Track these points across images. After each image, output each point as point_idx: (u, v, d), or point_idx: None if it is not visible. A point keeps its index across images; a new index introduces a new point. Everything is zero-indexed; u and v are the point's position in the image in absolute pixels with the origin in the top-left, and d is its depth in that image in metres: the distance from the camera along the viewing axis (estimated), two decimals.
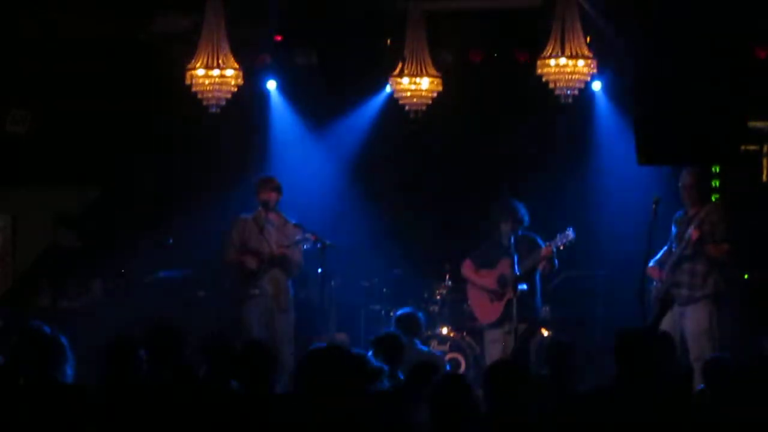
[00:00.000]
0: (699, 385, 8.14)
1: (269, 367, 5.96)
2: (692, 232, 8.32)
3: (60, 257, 9.60)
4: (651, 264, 8.55)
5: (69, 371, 6.01)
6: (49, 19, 9.54)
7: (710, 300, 8.34)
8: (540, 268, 8.90)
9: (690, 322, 8.35)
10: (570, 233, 8.72)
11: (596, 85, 10.24)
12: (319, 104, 11.36)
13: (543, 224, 9.29)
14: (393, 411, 5.75)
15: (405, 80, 8.85)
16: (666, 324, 8.46)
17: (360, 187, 11.29)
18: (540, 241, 9.00)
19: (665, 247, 8.67)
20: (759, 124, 10.65)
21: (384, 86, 10.19)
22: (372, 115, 11.15)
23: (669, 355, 6.58)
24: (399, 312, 9.03)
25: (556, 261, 9.02)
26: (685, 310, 8.39)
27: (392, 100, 9.63)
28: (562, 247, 8.79)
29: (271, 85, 11.05)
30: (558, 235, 8.80)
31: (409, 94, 8.93)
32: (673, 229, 8.64)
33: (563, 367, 6.29)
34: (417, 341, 8.66)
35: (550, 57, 7.99)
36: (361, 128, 11.35)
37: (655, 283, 8.58)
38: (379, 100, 10.93)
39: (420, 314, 9.06)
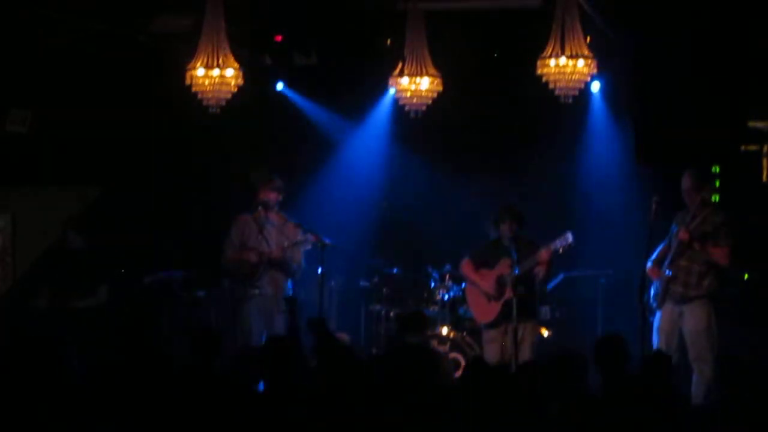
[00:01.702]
0: (698, 386, 8.19)
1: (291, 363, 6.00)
2: (682, 233, 8.33)
3: (64, 258, 9.60)
4: (649, 263, 8.55)
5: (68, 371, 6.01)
6: (49, 19, 9.53)
7: (707, 300, 8.34)
8: (537, 271, 8.88)
9: (688, 322, 8.35)
10: (569, 237, 8.70)
11: (595, 86, 10.24)
12: (319, 104, 11.38)
13: (543, 225, 9.29)
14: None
15: (405, 80, 8.84)
16: (665, 323, 8.46)
17: (360, 187, 11.30)
18: (539, 243, 8.98)
19: (662, 245, 8.66)
20: (759, 124, 10.66)
21: (386, 88, 10.24)
22: (372, 115, 11.18)
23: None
24: (403, 311, 9.03)
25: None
26: (683, 309, 8.39)
27: (392, 100, 9.65)
28: (561, 251, 8.77)
29: (279, 86, 11.13)
30: (557, 239, 8.77)
31: (409, 94, 8.92)
32: (673, 227, 8.63)
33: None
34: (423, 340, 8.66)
35: (550, 57, 7.98)
36: (361, 128, 11.37)
37: (654, 282, 8.58)
38: (378, 100, 10.95)
39: (426, 312, 9.06)
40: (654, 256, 8.65)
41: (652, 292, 8.56)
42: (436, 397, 5.56)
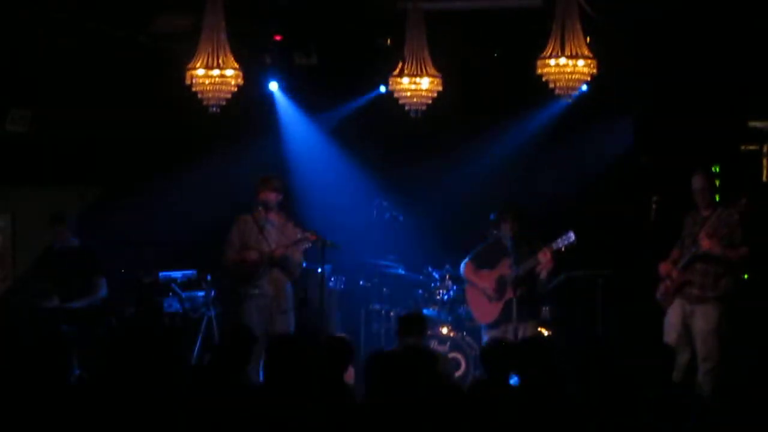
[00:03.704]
0: (703, 384, 8.19)
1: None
2: (704, 240, 8.24)
3: (60, 257, 9.62)
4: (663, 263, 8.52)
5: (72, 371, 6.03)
6: (49, 19, 9.53)
7: (720, 301, 8.31)
8: (539, 271, 8.88)
9: (699, 322, 8.32)
10: (571, 236, 8.69)
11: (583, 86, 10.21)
12: (319, 104, 11.38)
13: (544, 224, 9.30)
14: None
15: (405, 80, 8.83)
16: (675, 321, 8.42)
17: (360, 187, 11.30)
18: (540, 242, 8.97)
19: (675, 246, 8.60)
20: (759, 124, 10.66)
21: (379, 86, 10.23)
22: (370, 114, 11.18)
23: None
24: (403, 312, 9.01)
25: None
26: (695, 309, 8.35)
27: (391, 99, 9.64)
28: (563, 250, 8.75)
29: (273, 86, 11.11)
30: (558, 239, 8.76)
31: (409, 94, 8.90)
32: (685, 228, 8.57)
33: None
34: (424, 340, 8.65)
35: (550, 57, 7.97)
36: (360, 128, 11.38)
37: (663, 280, 8.53)
38: (376, 99, 10.95)
39: (426, 312, 9.04)
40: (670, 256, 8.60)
41: (660, 289, 8.53)
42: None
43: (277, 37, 10.34)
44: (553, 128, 10.88)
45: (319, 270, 9.44)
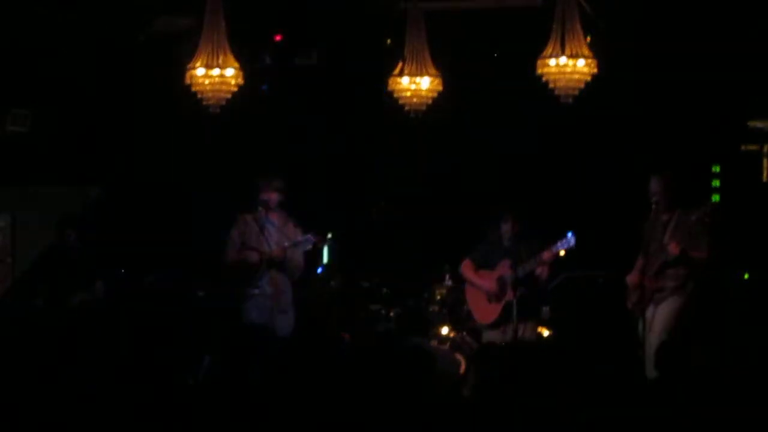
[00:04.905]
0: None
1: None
2: (672, 247, 8.12)
3: (62, 257, 9.62)
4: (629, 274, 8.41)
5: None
6: (49, 19, 9.54)
7: (683, 289, 8.13)
8: (539, 272, 8.87)
9: (662, 312, 8.15)
10: (570, 239, 8.65)
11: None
12: (319, 104, 11.39)
13: (544, 224, 9.29)
14: None
15: (405, 80, 8.84)
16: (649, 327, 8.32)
17: (360, 187, 11.31)
18: (540, 244, 8.96)
19: (639, 255, 8.46)
20: (759, 124, 10.67)
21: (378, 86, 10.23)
22: (368, 114, 11.18)
23: None
24: (403, 311, 9.01)
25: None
26: (660, 306, 8.21)
27: (390, 99, 9.65)
28: (563, 253, 8.72)
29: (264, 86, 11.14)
30: (558, 241, 8.72)
31: (409, 94, 8.91)
32: (645, 234, 8.43)
33: None
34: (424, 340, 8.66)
35: (550, 57, 7.98)
36: (358, 128, 11.38)
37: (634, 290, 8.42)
38: (375, 99, 10.95)
39: (426, 312, 9.05)
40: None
41: (632, 299, 8.41)
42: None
43: (277, 37, 10.34)
44: (552, 129, 10.87)
45: (319, 270, 9.45)
